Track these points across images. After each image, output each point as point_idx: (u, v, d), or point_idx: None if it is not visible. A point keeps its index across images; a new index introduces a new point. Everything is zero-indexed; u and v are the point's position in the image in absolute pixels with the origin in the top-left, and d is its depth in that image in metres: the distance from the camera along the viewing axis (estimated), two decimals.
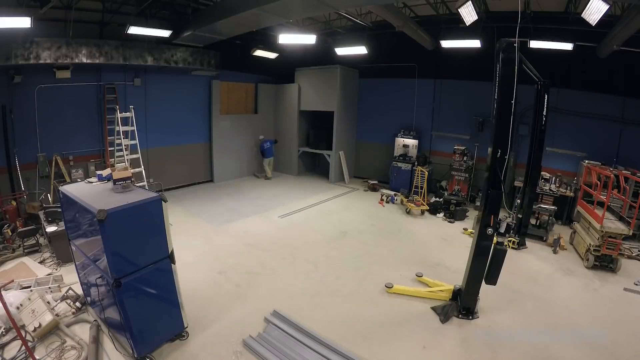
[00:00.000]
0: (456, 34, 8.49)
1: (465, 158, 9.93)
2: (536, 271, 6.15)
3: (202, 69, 10.27)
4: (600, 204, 6.50)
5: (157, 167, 10.16)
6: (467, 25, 6.90)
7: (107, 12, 8.26)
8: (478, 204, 8.43)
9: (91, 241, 3.70)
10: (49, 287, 4.90)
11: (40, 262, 5.87)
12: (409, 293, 5.21)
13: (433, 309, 4.86)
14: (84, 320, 4.38)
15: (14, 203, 7.11)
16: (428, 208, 9.04)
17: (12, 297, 4.27)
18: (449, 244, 7.35)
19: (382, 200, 10.08)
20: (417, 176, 9.79)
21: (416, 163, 10.53)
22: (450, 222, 8.57)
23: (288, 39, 9.06)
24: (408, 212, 9.10)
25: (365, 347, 4.07)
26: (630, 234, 6.17)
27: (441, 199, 9.23)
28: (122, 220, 3.32)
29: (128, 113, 8.47)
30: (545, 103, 6.39)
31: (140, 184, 7.82)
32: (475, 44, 8.22)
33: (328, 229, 7.88)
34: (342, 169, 12.04)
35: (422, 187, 9.50)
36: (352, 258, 6.51)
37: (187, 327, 4.15)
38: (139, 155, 8.52)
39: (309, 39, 9.06)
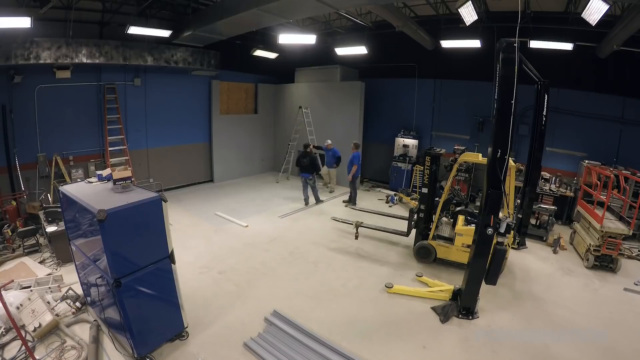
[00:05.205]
0: (456, 34, 8.50)
1: None
2: (536, 271, 6.15)
3: (202, 69, 10.27)
4: (600, 204, 6.50)
5: (157, 167, 10.17)
6: (467, 25, 6.90)
7: (107, 12, 8.27)
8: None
9: (91, 241, 3.70)
10: (49, 287, 4.90)
11: (40, 262, 5.87)
12: (409, 293, 5.21)
13: (433, 309, 4.86)
14: (84, 320, 4.38)
15: (14, 203, 7.12)
16: None
17: (12, 297, 4.27)
18: None
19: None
20: (417, 175, 9.80)
21: (416, 163, 10.55)
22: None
23: (288, 39, 9.06)
24: None
25: (365, 347, 4.07)
26: (630, 234, 6.17)
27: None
28: (122, 220, 3.32)
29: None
30: (545, 103, 6.42)
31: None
32: (475, 44, 8.23)
33: (328, 229, 7.88)
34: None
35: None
36: (352, 258, 6.51)
37: (187, 327, 4.15)
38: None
39: (309, 39, 9.06)
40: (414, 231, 6.64)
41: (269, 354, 3.83)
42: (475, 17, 6.69)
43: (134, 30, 7.64)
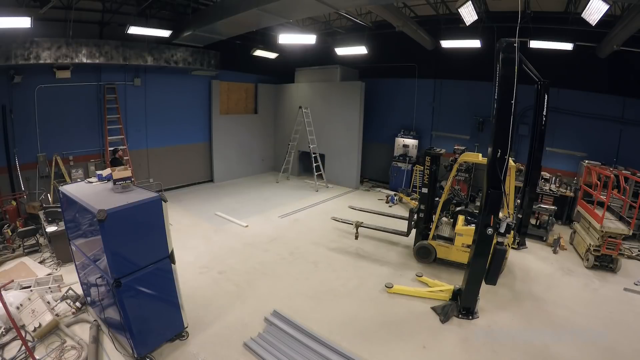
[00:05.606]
0: (456, 34, 8.49)
1: None
2: (536, 271, 6.15)
3: (202, 69, 10.27)
4: (600, 204, 6.50)
5: (157, 167, 10.17)
6: (467, 25, 6.90)
7: (107, 12, 8.27)
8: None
9: (91, 241, 3.70)
10: (49, 287, 4.90)
11: (40, 262, 5.87)
12: (409, 293, 5.21)
13: (433, 309, 4.86)
14: (84, 320, 4.38)
15: (14, 203, 7.12)
16: None
17: (12, 297, 4.28)
18: None
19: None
20: (417, 175, 9.81)
21: (416, 163, 10.56)
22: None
23: (288, 39, 9.06)
24: None
25: (365, 347, 4.07)
26: (630, 234, 6.17)
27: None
28: (122, 220, 3.32)
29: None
30: (545, 103, 6.42)
31: None
32: (475, 44, 8.23)
33: (328, 229, 7.88)
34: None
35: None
36: (352, 258, 6.51)
37: (187, 327, 4.15)
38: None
39: (309, 39, 9.06)
40: (414, 231, 6.64)
41: (269, 354, 3.83)
42: (475, 17, 6.69)
43: (134, 30, 7.64)
